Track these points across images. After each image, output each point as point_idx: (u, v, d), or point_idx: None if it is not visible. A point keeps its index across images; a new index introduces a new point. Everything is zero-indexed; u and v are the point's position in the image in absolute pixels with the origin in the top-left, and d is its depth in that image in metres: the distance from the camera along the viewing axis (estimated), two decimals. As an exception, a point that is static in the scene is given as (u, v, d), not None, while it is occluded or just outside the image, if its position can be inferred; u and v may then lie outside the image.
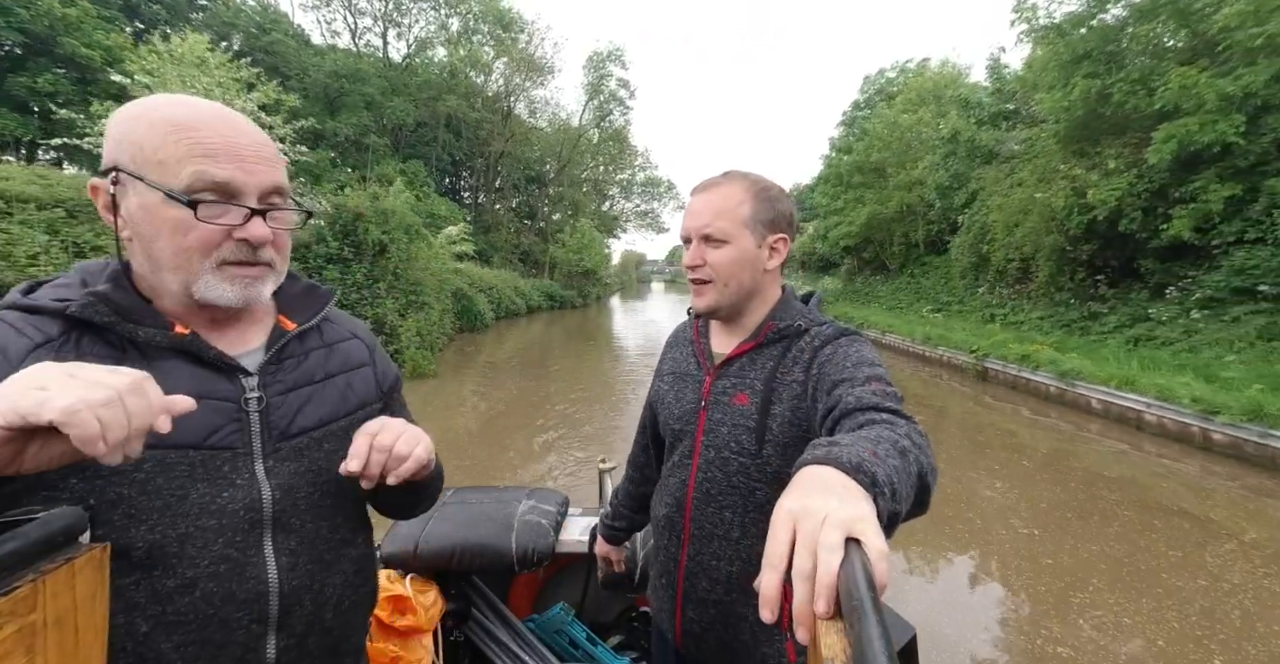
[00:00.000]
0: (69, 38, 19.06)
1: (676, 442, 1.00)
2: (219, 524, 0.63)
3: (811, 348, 0.87)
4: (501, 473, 5.19)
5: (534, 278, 29.06)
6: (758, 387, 0.89)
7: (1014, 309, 12.27)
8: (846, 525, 0.39)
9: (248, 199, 0.62)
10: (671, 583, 0.98)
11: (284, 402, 0.69)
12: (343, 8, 32.50)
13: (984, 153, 14.69)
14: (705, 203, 0.90)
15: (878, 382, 0.75)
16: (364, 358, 0.82)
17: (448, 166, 33.96)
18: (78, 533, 0.48)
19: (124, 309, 0.61)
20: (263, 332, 0.72)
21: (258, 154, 0.62)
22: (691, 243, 0.92)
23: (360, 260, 10.54)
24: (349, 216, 10.49)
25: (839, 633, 0.34)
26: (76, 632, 0.45)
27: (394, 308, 10.62)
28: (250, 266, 0.64)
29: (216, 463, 0.63)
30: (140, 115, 0.60)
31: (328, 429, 0.72)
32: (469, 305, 16.43)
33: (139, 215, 0.60)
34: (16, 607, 0.39)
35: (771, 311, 0.94)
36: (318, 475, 0.71)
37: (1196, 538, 3.96)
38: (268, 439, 0.67)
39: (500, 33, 33.64)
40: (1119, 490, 4.86)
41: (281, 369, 0.71)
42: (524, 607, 1.85)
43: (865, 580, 0.34)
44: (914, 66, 22.56)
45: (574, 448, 5.92)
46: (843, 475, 0.47)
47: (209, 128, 0.60)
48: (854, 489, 0.46)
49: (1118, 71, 8.88)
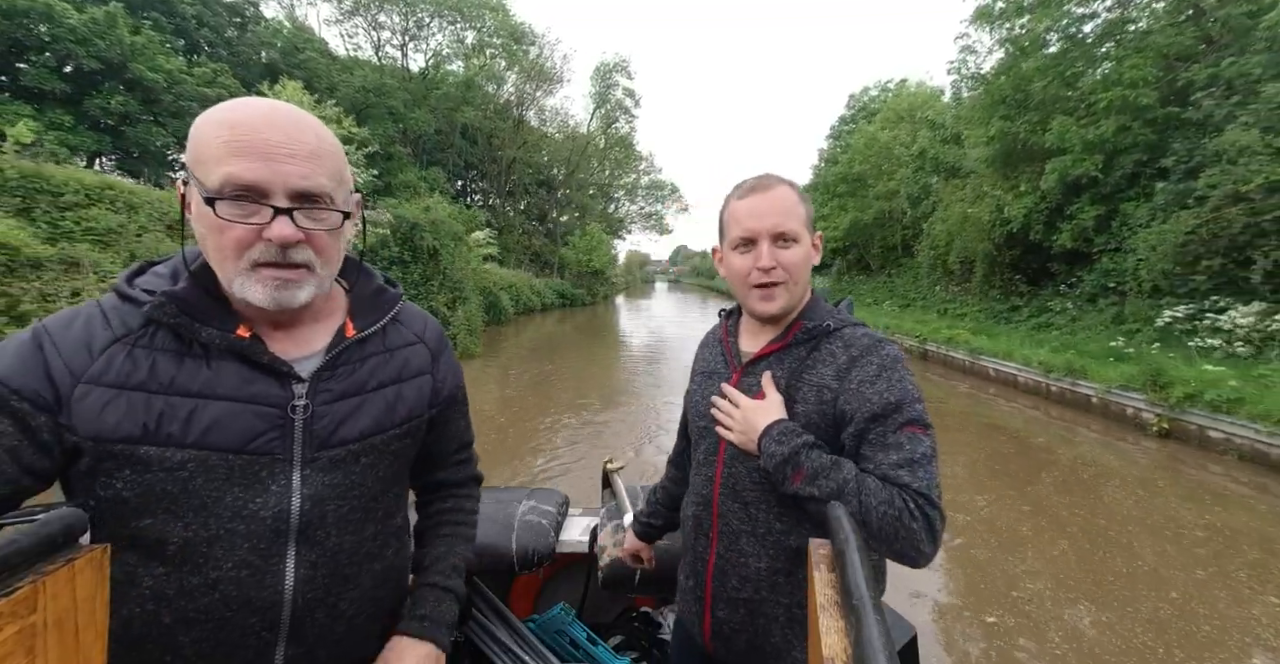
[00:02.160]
0: (137, 63, 21.82)
1: (701, 439, 1.02)
2: (247, 529, 0.64)
3: (847, 353, 0.87)
4: (546, 410, 7.80)
5: (545, 277, 31.66)
6: (781, 385, 0.90)
7: (960, 303, 14.83)
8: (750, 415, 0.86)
9: (275, 198, 0.61)
10: (700, 583, 0.99)
11: (330, 410, 0.70)
12: (365, 22, 35.31)
13: (947, 168, 17.20)
14: (770, 203, 0.89)
15: (913, 426, 0.79)
16: (424, 365, 0.82)
17: (461, 171, 36.63)
18: (77, 534, 0.48)
19: (193, 308, 0.64)
20: (327, 334, 0.74)
21: (290, 152, 0.61)
22: (757, 244, 0.90)
23: (417, 262, 13.18)
24: (407, 226, 13.14)
25: (839, 633, 0.34)
26: (76, 632, 0.45)
27: (444, 301, 13.27)
28: (281, 268, 0.64)
29: (255, 468, 0.65)
30: (205, 116, 0.61)
31: (368, 442, 0.73)
32: (495, 301, 19.09)
33: (194, 216, 0.62)
34: (16, 608, 0.40)
35: (801, 312, 0.95)
36: (349, 489, 0.71)
37: (1020, 449, 6.53)
38: (308, 447, 0.68)
39: (513, 45, 36.33)
40: (995, 431, 7.45)
41: (335, 376, 0.71)
42: (524, 607, 1.87)
43: (865, 581, 0.35)
44: (894, 87, 25.15)
45: (591, 398, 8.55)
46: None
47: (246, 125, 0.60)
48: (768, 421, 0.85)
49: (1024, 115, 11.43)
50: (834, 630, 0.35)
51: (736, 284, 0.95)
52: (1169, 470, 5.54)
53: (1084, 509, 4.57)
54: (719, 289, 56.19)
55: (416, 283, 12.96)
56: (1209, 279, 7.94)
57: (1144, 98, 9.18)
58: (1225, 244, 7.72)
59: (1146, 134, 9.51)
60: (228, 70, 25.56)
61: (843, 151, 23.26)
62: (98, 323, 0.63)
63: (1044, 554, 3.81)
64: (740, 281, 0.93)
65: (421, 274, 13.17)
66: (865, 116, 24.73)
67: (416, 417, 0.79)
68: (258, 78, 26.80)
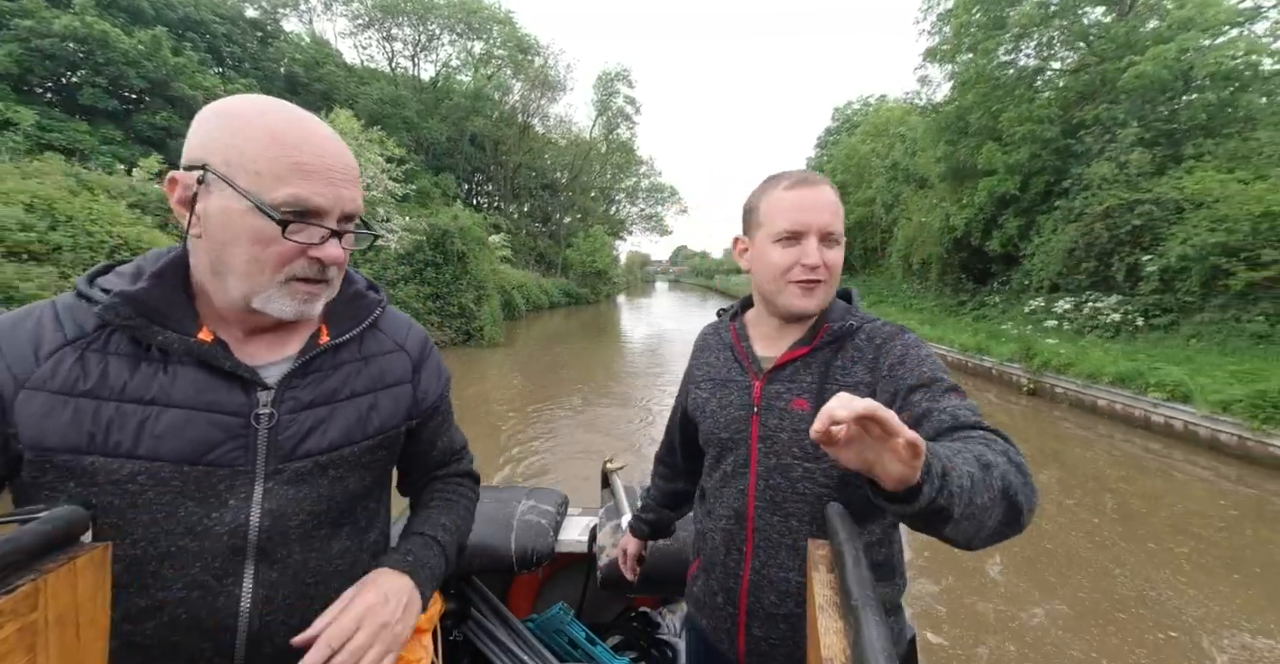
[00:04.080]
0: (180, 82, 24.17)
1: (725, 451, 0.97)
2: (200, 547, 0.62)
3: (872, 346, 0.87)
4: (564, 382, 10.13)
5: (550, 277, 33.94)
6: (815, 390, 0.88)
7: (921, 299, 17.20)
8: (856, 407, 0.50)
9: (329, 221, 0.63)
10: (732, 600, 0.95)
11: (296, 420, 0.67)
12: (378, 35, 37.70)
13: (917, 179, 19.53)
14: (820, 199, 0.88)
15: (956, 393, 0.77)
16: (404, 374, 0.80)
17: (468, 175, 38.89)
18: (79, 532, 0.49)
19: (151, 310, 0.61)
20: (300, 339, 0.71)
21: (346, 177, 0.64)
22: (804, 240, 0.87)
23: (448, 263, 15.51)
24: (439, 233, 15.47)
25: (839, 633, 0.34)
26: (78, 630, 0.45)
27: (471, 298, 15.61)
28: (315, 284, 0.65)
29: (212, 481, 0.62)
30: (239, 117, 0.60)
31: (337, 454, 0.70)
32: (509, 299, 21.44)
33: (218, 218, 0.60)
34: (18, 605, 0.40)
35: (824, 312, 0.93)
36: (315, 503, 0.68)
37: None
38: (271, 459, 0.65)
39: (519, 56, 38.66)
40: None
41: (303, 384, 0.69)
42: (524, 607, 1.88)
43: (865, 581, 0.35)
44: (874, 101, 27.52)
45: (597, 372, 10.90)
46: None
47: (311, 146, 0.61)
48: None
49: (964, 140, 13.80)
50: (833, 631, 0.35)
51: (769, 278, 0.91)
52: (1032, 419, 7.83)
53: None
54: (716, 288, 58.44)
55: (448, 282, 15.29)
56: (1087, 277, 10.28)
57: (1048, 132, 11.53)
58: (1097, 251, 10.06)
59: (1053, 161, 11.86)
60: (255, 85, 27.91)
61: (827, 161, 25.61)
62: (49, 324, 0.61)
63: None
64: (776, 276, 0.90)
65: (452, 274, 15.49)
66: (849, 129, 27.14)
67: (392, 428, 0.77)
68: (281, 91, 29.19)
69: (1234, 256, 7.65)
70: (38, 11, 18.17)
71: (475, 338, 14.72)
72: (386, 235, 14.24)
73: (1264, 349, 7.19)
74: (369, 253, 13.70)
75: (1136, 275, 9.28)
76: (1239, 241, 7.60)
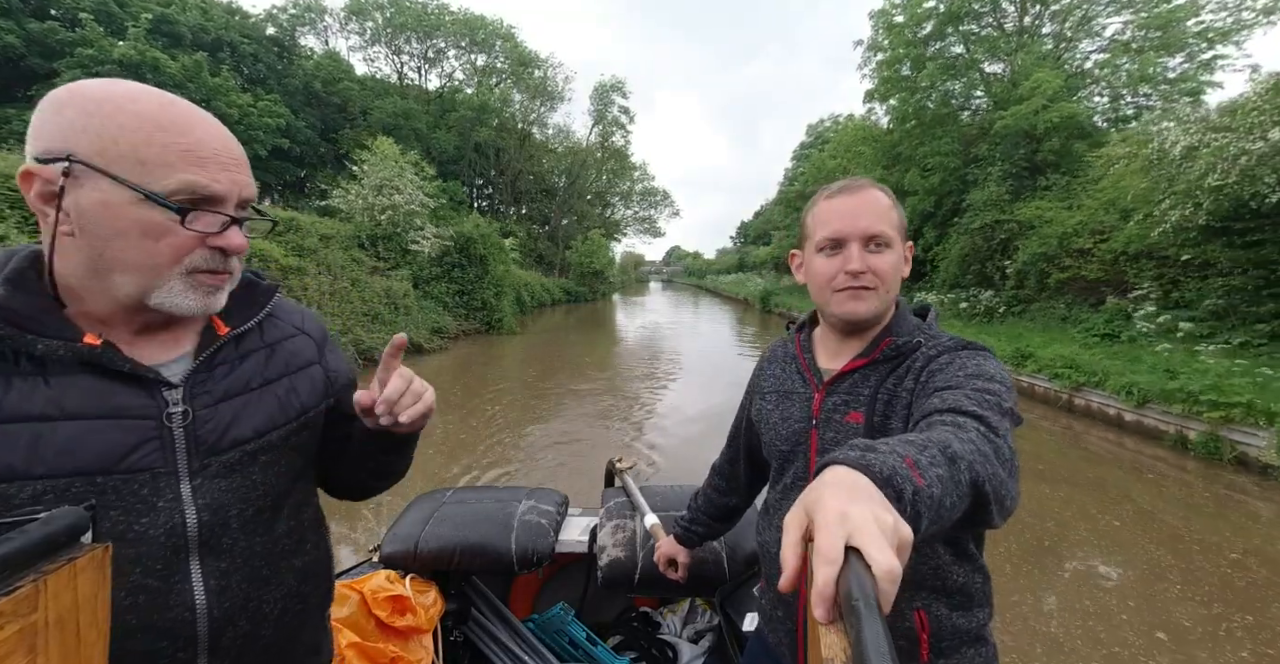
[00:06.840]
0: (219, 101, 27.22)
1: (786, 463, 0.99)
2: (136, 553, 0.61)
3: (926, 357, 0.86)
4: (574, 365, 13.44)
5: (549, 277, 37.04)
6: (869, 403, 0.88)
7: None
8: (852, 537, 0.38)
9: (228, 207, 0.62)
10: (791, 614, 0.98)
11: (214, 414, 0.67)
12: (387, 49, 40.80)
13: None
14: (862, 203, 0.88)
15: (985, 392, 0.72)
16: (311, 356, 0.81)
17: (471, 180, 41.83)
18: (79, 532, 0.49)
19: (20, 317, 0.57)
20: (193, 335, 0.70)
21: (238, 162, 0.63)
22: (846, 246, 0.88)
23: (472, 265, 18.73)
24: (463, 239, 18.71)
25: (839, 633, 0.34)
26: (78, 631, 0.46)
27: (491, 294, 18.86)
28: (218, 275, 0.64)
29: (133, 487, 0.61)
30: (107, 102, 0.57)
31: (265, 440, 0.71)
32: (518, 296, 24.68)
33: (96, 212, 0.57)
34: (18, 607, 0.40)
35: (888, 326, 0.92)
36: (252, 490, 0.70)
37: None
38: (195, 456, 0.65)
39: (520, 69, 41.77)
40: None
41: (212, 378, 0.69)
42: (524, 607, 1.91)
43: (866, 581, 0.35)
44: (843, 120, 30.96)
45: (600, 349, 14.22)
46: (870, 484, 0.46)
47: (200, 132, 0.60)
48: (877, 499, 0.44)
49: (897, 165, 17.28)
50: (832, 631, 0.34)
51: (818, 287, 0.92)
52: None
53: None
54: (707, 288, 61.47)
55: (471, 281, 18.50)
56: (974, 277, 13.72)
57: (952, 162, 14.99)
58: (981, 257, 13.49)
59: (956, 185, 15.32)
60: (279, 100, 31.11)
61: (802, 173, 29.10)
62: None
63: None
64: (823, 286, 0.91)
65: (475, 274, 18.72)
66: (820, 145, 30.64)
67: (312, 408, 0.79)
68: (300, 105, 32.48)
69: (1051, 262, 11.08)
70: (98, 41, 19.83)
71: (495, 327, 17.94)
72: (421, 241, 17.36)
73: (1063, 328, 10.60)
74: (408, 255, 16.86)
75: (1003, 275, 12.72)
76: (1052, 251, 11.03)
